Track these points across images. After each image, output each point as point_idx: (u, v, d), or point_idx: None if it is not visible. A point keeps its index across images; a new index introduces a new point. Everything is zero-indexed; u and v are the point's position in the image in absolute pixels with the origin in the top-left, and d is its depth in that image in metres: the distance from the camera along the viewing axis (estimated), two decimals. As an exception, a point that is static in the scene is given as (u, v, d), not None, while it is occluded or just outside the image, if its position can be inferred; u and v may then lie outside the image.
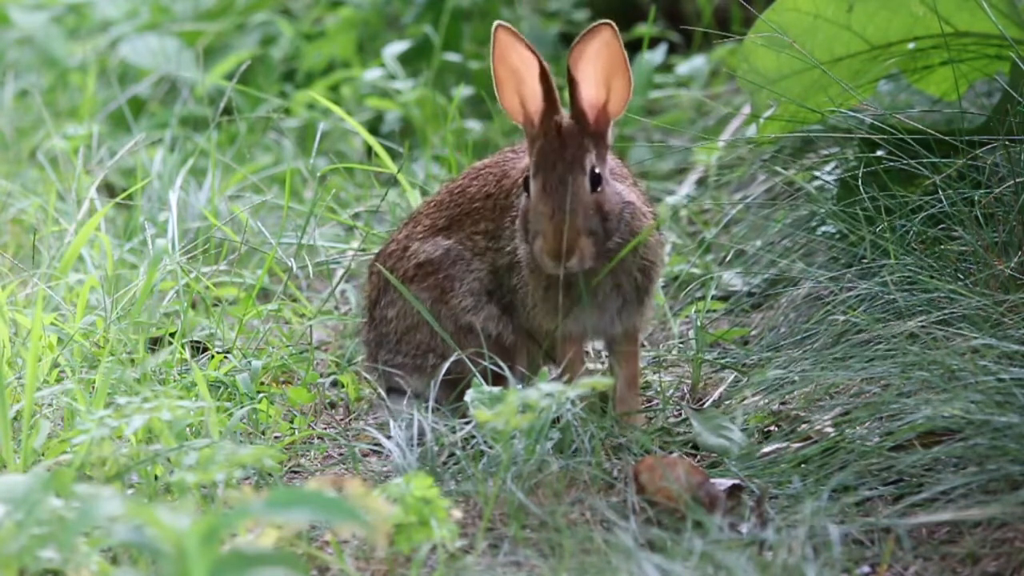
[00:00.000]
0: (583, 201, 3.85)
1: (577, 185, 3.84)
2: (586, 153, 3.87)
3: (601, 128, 3.92)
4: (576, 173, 3.85)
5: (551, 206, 3.83)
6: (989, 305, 3.90)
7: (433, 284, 4.05)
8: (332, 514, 2.86)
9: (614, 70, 3.89)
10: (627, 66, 3.89)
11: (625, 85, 3.90)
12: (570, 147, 3.87)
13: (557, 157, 3.86)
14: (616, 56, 3.88)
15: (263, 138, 6.30)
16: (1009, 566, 3.38)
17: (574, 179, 3.85)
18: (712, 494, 3.58)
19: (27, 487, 3.18)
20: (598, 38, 3.86)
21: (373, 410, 4.30)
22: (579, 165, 3.86)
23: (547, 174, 3.86)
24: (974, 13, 4.47)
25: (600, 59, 3.87)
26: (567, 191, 3.84)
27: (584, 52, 3.86)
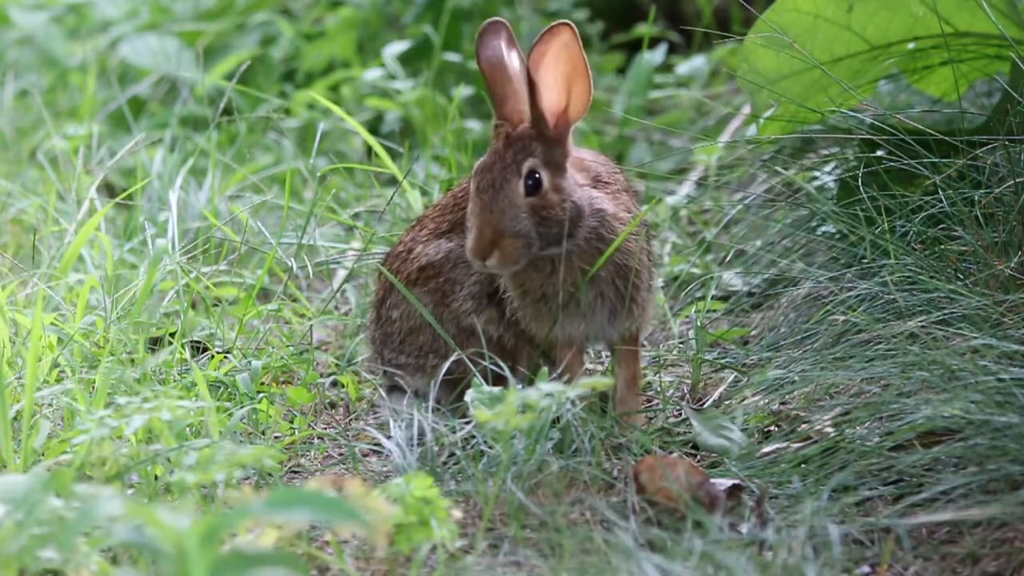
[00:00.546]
0: (513, 203, 3.85)
1: (509, 187, 3.85)
2: (527, 157, 3.87)
3: (560, 133, 3.91)
4: (509, 175, 3.86)
5: (479, 205, 3.85)
6: (989, 305, 3.89)
7: (434, 288, 4.06)
8: (332, 514, 2.86)
9: (574, 74, 3.87)
10: (587, 69, 3.88)
11: (585, 90, 3.89)
12: (512, 150, 3.87)
13: (496, 160, 3.87)
14: (576, 59, 3.86)
15: (263, 138, 6.30)
16: (1009, 566, 3.38)
17: (506, 181, 3.85)
18: (712, 494, 3.58)
19: (27, 487, 3.18)
20: (557, 39, 3.84)
21: (374, 410, 4.30)
22: (514, 168, 3.86)
23: (482, 176, 3.87)
24: (974, 13, 4.47)
25: (560, 62, 3.86)
26: (496, 192, 3.84)
27: (544, 55, 3.85)
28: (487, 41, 3.94)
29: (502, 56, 3.93)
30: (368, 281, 4.87)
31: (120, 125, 6.42)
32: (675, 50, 6.66)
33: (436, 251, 4.09)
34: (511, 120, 3.91)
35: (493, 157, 3.88)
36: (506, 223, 3.84)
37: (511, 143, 3.88)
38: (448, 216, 4.12)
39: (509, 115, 3.91)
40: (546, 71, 3.86)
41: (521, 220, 3.85)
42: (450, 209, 4.12)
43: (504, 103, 3.92)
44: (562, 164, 3.91)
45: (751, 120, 4.83)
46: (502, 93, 3.92)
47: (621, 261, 3.95)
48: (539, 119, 3.88)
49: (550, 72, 3.86)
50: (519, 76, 3.91)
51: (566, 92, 3.89)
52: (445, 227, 4.11)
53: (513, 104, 3.91)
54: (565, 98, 3.89)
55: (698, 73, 6.39)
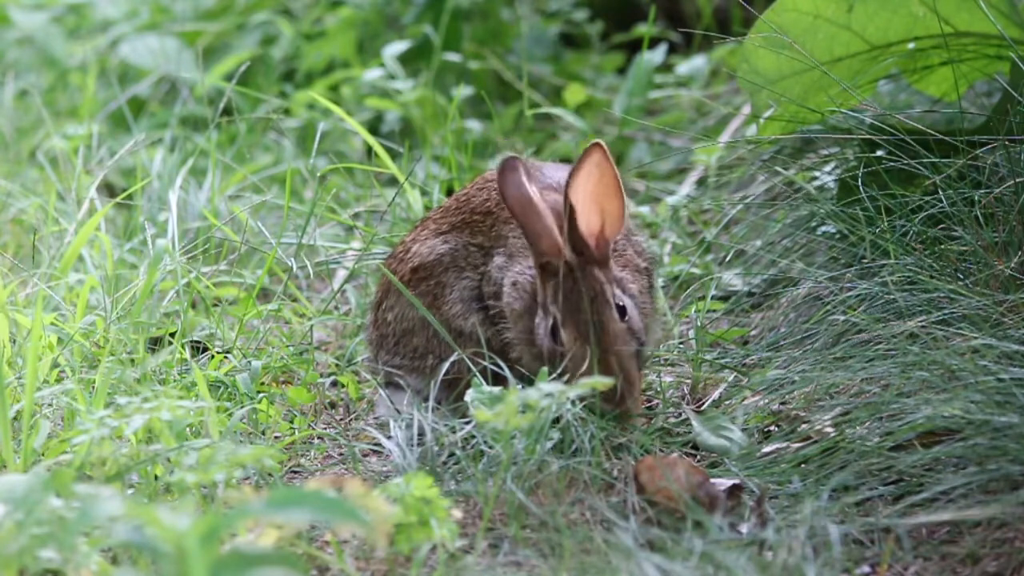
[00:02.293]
0: (617, 335, 3.83)
1: (609, 321, 3.82)
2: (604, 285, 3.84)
3: (602, 253, 3.88)
4: (604, 309, 3.83)
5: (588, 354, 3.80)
6: (989, 305, 3.90)
7: (425, 290, 4.06)
8: (332, 514, 2.86)
9: (607, 192, 3.85)
10: (620, 187, 3.85)
11: (619, 206, 3.86)
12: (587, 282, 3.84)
13: (577, 296, 3.83)
14: (608, 177, 3.84)
15: (263, 138, 6.30)
16: (1009, 566, 3.38)
17: (604, 316, 3.82)
18: (712, 494, 3.58)
19: (27, 487, 3.18)
20: (590, 161, 3.81)
21: (374, 409, 4.30)
22: (604, 299, 3.84)
23: (577, 318, 3.82)
24: (974, 13, 4.47)
25: (591, 182, 3.83)
26: (602, 332, 3.82)
27: (579, 179, 3.81)
28: (509, 179, 3.88)
29: (528, 192, 3.87)
30: (368, 281, 4.87)
31: (120, 125, 6.42)
32: (675, 50, 6.65)
33: (429, 252, 4.09)
34: (551, 253, 3.86)
35: (574, 297, 3.81)
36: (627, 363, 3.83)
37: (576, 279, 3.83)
38: (448, 219, 4.12)
39: (548, 249, 3.87)
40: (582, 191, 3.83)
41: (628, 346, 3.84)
42: (451, 212, 4.12)
43: (540, 239, 3.87)
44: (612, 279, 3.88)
45: (751, 120, 4.83)
46: (536, 230, 3.87)
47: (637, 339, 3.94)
48: (580, 244, 3.85)
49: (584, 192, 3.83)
50: (547, 208, 3.86)
51: (600, 212, 3.86)
52: (445, 228, 4.11)
53: (549, 239, 3.86)
54: (600, 218, 3.86)
55: (698, 73, 6.38)
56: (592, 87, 6.52)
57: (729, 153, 5.32)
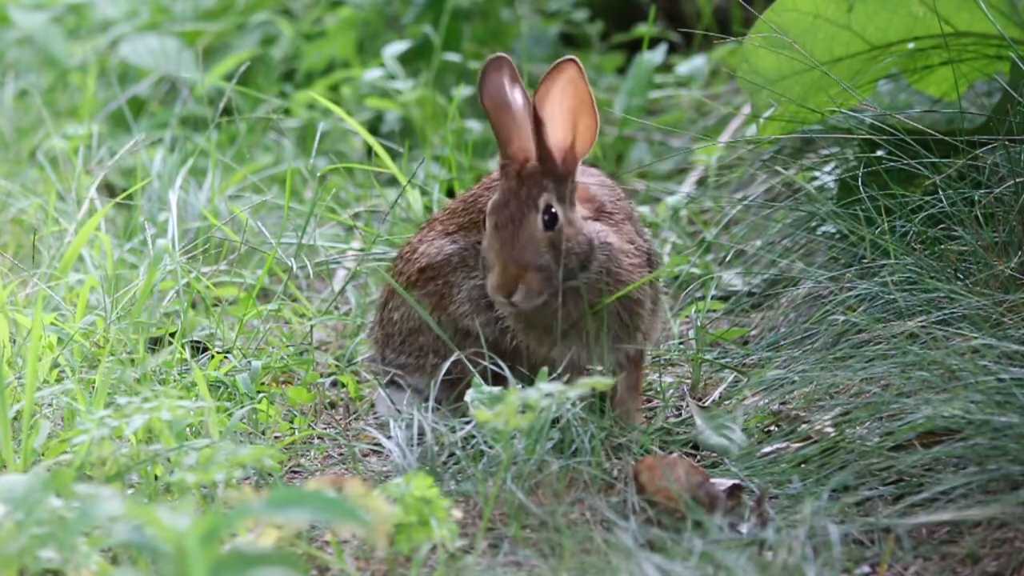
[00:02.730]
0: (533, 238, 3.84)
1: (528, 223, 3.84)
2: (542, 193, 3.86)
3: (568, 168, 3.89)
4: (528, 211, 3.85)
5: (499, 242, 3.84)
6: (989, 305, 3.90)
7: (433, 290, 4.06)
8: (332, 514, 2.86)
9: (580, 109, 3.86)
10: (593, 104, 3.87)
11: (591, 124, 3.88)
12: (526, 186, 3.86)
13: (511, 196, 3.86)
14: (582, 94, 3.85)
15: (263, 138, 6.30)
16: (1009, 566, 3.38)
17: (524, 216, 3.84)
18: (712, 494, 3.58)
19: (27, 487, 3.18)
20: (563, 76, 3.83)
21: (374, 409, 4.30)
22: (531, 203, 3.85)
23: (499, 212, 3.86)
24: (974, 13, 4.47)
25: (566, 98, 3.85)
26: (516, 228, 3.84)
27: (550, 91, 3.83)
28: (490, 79, 3.91)
29: (506, 94, 3.91)
30: (368, 281, 4.87)
31: (120, 125, 6.42)
32: (675, 50, 6.66)
33: (437, 252, 4.09)
34: (517, 158, 3.89)
35: (508, 195, 3.86)
36: (529, 257, 3.83)
37: (524, 180, 3.87)
38: (455, 219, 4.12)
39: (515, 154, 3.89)
40: (552, 108, 3.85)
41: (542, 254, 3.84)
42: (459, 212, 4.13)
43: (510, 142, 3.90)
44: (571, 199, 3.90)
45: (751, 120, 4.83)
46: (507, 132, 3.90)
47: (626, 297, 3.94)
48: (547, 156, 3.87)
49: (556, 107, 3.85)
50: (523, 114, 3.89)
51: (572, 127, 3.88)
52: (452, 229, 4.12)
53: (518, 143, 3.89)
54: (571, 133, 3.88)
55: (698, 73, 6.38)
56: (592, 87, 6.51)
57: (729, 153, 5.32)
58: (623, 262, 3.94)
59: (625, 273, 3.94)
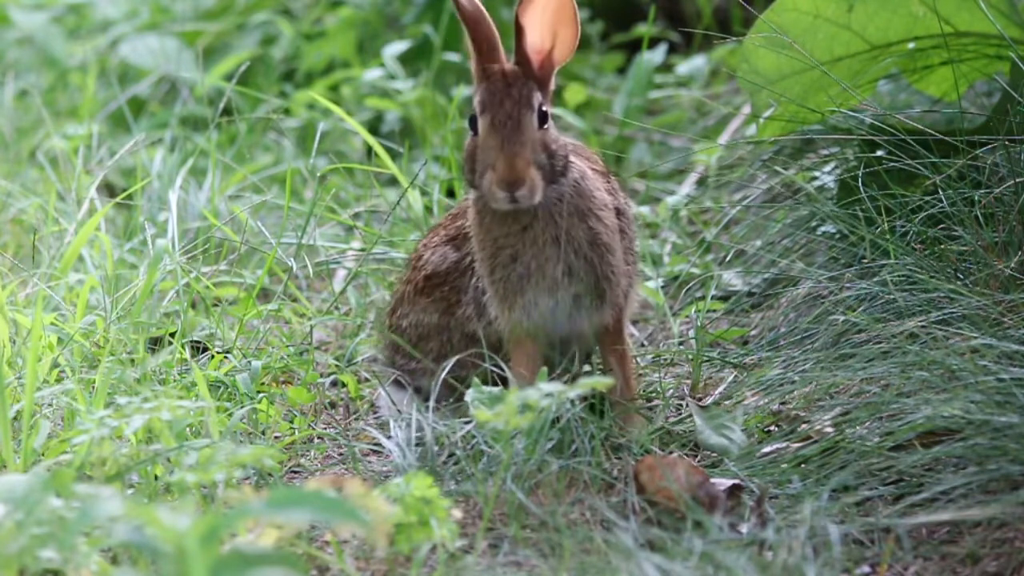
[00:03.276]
0: (532, 135, 3.85)
1: (525, 120, 3.85)
2: (533, 91, 3.88)
3: (545, 74, 3.92)
4: (524, 108, 3.86)
5: (501, 138, 3.84)
6: (989, 305, 3.90)
7: (440, 296, 4.07)
8: (332, 514, 2.86)
9: (562, 18, 3.90)
10: (576, 15, 3.90)
11: (572, 35, 3.91)
12: (516, 86, 3.87)
13: (504, 95, 3.87)
14: (565, 5, 3.88)
15: (263, 138, 6.30)
16: (1009, 566, 3.38)
17: (522, 114, 3.85)
18: (712, 494, 3.58)
19: (27, 487, 3.18)
20: None
21: (374, 409, 4.30)
22: (527, 101, 3.86)
23: (496, 110, 3.86)
24: (974, 13, 4.47)
25: (549, 7, 3.88)
26: (517, 124, 3.84)
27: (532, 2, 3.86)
28: None
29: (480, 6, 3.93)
30: (368, 281, 4.87)
31: (120, 125, 6.42)
32: (675, 50, 6.65)
33: (441, 260, 4.10)
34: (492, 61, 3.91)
35: (500, 93, 3.88)
36: (528, 155, 3.84)
37: (512, 80, 3.89)
38: (457, 223, 4.12)
39: (491, 57, 3.92)
40: (534, 15, 3.88)
41: (539, 152, 3.86)
42: (460, 216, 4.13)
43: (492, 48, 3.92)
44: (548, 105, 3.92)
45: (751, 120, 4.83)
46: (486, 37, 3.92)
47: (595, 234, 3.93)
48: (524, 60, 3.90)
49: (538, 14, 3.88)
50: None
51: (552, 35, 3.90)
52: (453, 232, 4.12)
53: (495, 50, 3.91)
54: (551, 40, 3.91)
55: (698, 73, 6.38)
56: (592, 87, 6.52)
57: (729, 153, 5.32)
58: (594, 193, 3.94)
59: (596, 207, 3.94)
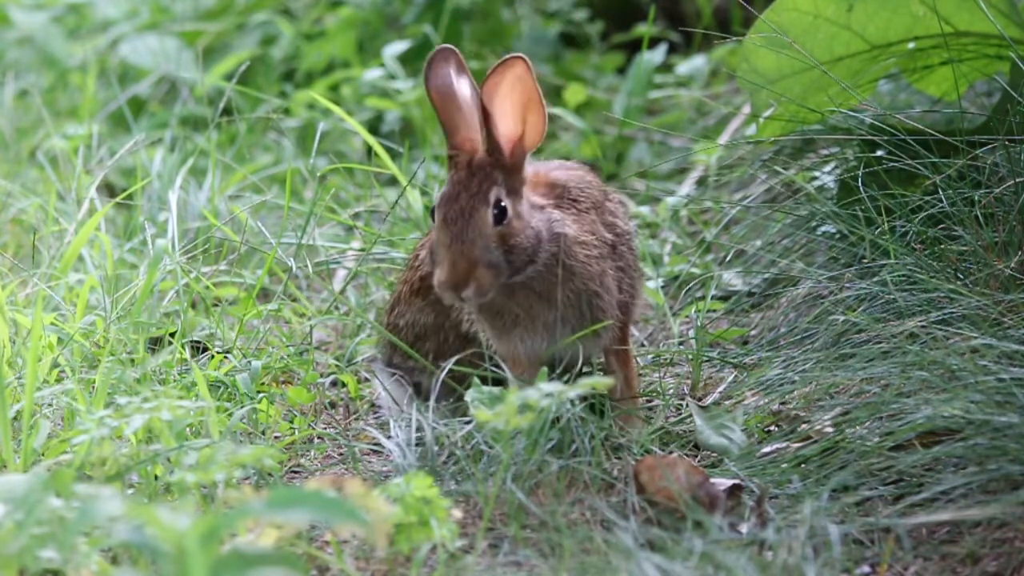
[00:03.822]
0: (483, 233, 3.81)
1: (477, 218, 3.82)
2: (492, 186, 3.84)
3: (516, 161, 3.88)
4: (478, 206, 3.82)
5: (449, 237, 3.81)
6: (989, 305, 3.89)
7: (436, 297, 4.07)
8: (332, 514, 2.86)
9: (529, 104, 3.85)
10: (541, 100, 3.85)
11: (540, 119, 3.86)
12: (476, 179, 3.84)
13: (462, 189, 3.84)
14: (530, 90, 3.84)
15: (263, 138, 6.30)
16: (1009, 566, 3.38)
17: (474, 210, 3.82)
18: (712, 494, 3.58)
19: (27, 487, 3.18)
20: (511, 72, 3.82)
21: (374, 409, 4.30)
22: (483, 198, 3.83)
23: (449, 206, 3.83)
24: (974, 13, 4.46)
25: (515, 93, 3.84)
26: (466, 222, 3.82)
27: (499, 86, 3.82)
28: (436, 69, 3.90)
29: (452, 84, 3.90)
30: (368, 281, 4.87)
31: (120, 125, 6.42)
32: (675, 50, 6.65)
33: None
34: (464, 149, 3.88)
35: (457, 187, 3.84)
36: (478, 253, 3.80)
37: (474, 172, 3.85)
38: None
39: (461, 144, 3.88)
40: (501, 101, 3.84)
41: (492, 250, 3.81)
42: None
43: (456, 132, 3.89)
44: (520, 191, 3.88)
45: (751, 120, 4.83)
46: (454, 122, 3.89)
47: (581, 286, 3.92)
48: (495, 147, 3.85)
49: (506, 101, 3.84)
50: (470, 104, 3.88)
51: (521, 121, 3.86)
52: None
53: (465, 133, 3.88)
54: (521, 127, 3.87)
55: (698, 73, 6.38)
56: (592, 87, 6.52)
57: (729, 153, 5.32)
58: (577, 253, 3.91)
59: (579, 265, 3.91)
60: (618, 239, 4.04)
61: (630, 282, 4.04)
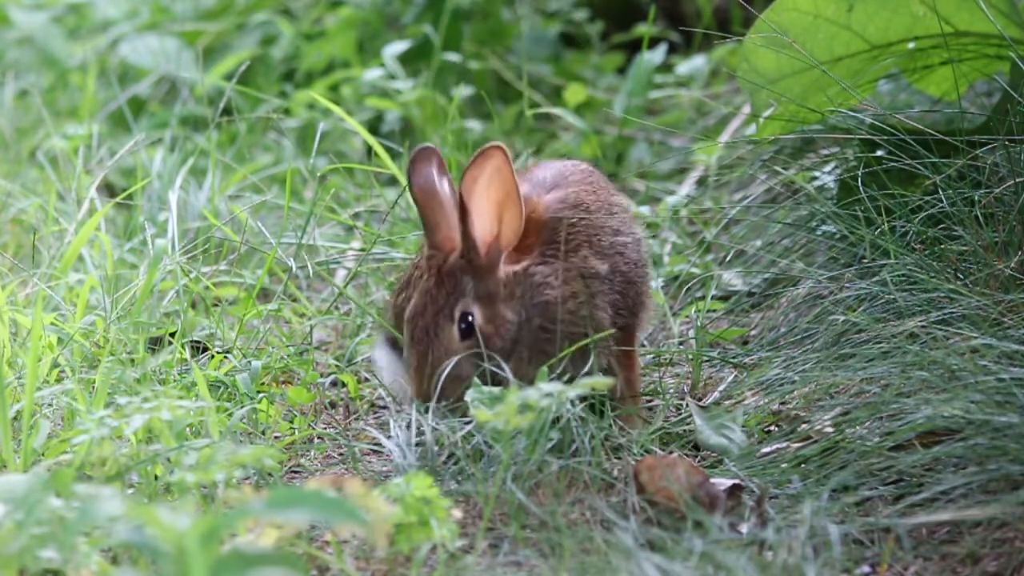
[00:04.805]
0: (449, 350, 3.81)
1: (444, 334, 3.82)
2: (459, 299, 3.83)
3: (491, 261, 3.86)
4: (442, 321, 3.82)
5: (416, 356, 3.83)
6: (989, 305, 3.89)
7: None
8: (332, 514, 2.86)
9: (506, 200, 3.82)
10: (519, 195, 3.82)
11: (516, 217, 3.83)
12: (444, 290, 3.84)
13: (429, 302, 3.84)
14: (508, 184, 3.81)
15: (263, 138, 6.30)
16: (1009, 566, 3.38)
17: (440, 328, 3.82)
18: (712, 494, 3.58)
19: (27, 487, 3.18)
20: (490, 164, 3.78)
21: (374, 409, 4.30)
22: (447, 313, 3.83)
23: (416, 321, 3.84)
24: (974, 13, 4.47)
25: (492, 188, 3.81)
26: (431, 341, 3.82)
27: (477, 180, 3.80)
28: (419, 168, 3.88)
29: (434, 183, 3.87)
30: (368, 281, 4.87)
31: (120, 125, 6.42)
32: (675, 50, 6.66)
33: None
34: (443, 248, 3.86)
35: (425, 300, 3.83)
36: None
37: (442, 281, 3.84)
38: None
39: (441, 243, 3.86)
40: (479, 197, 3.81)
41: (459, 365, 3.82)
42: None
43: (437, 231, 3.87)
44: (497, 292, 3.86)
45: (751, 120, 4.83)
46: (435, 221, 3.87)
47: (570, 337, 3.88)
48: (471, 247, 3.84)
49: (483, 199, 3.81)
50: (451, 203, 3.85)
51: (498, 220, 3.84)
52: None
53: (445, 232, 3.86)
54: (497, 226, 3.84)
55: (698, 73, 6.38)
56: (592, 87, 6.52)
57: (729, 153, 5.32)
58: (559, 311, 3.88)
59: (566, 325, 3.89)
60: (618, 259, 3.99)
61: (635, 296, 4.01)
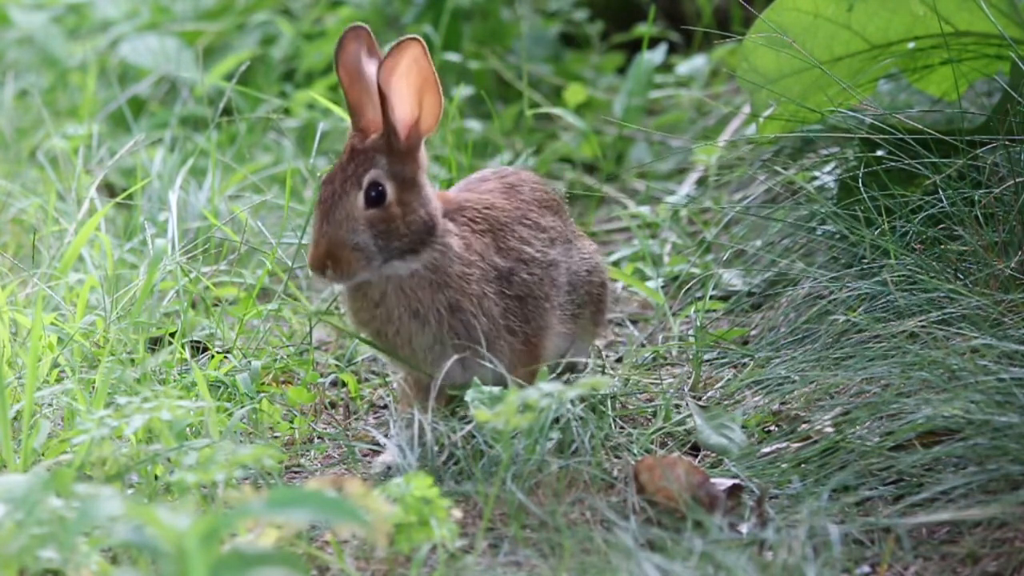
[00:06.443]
0: (351, 216, 3.82)
1: (347, 200, 3.82)
2: (370, 169, 3.84)
3: (411, 145, 3.87)
4: (349, 187, 3.83)
5: (318, 217, 3.84)
6: (989, 305, 3.90)
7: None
8: (332, 514, 2.86)
9: (425, 87, 3.84)
10: (437, 83, 3.84)
11: (436, 102, 3.85)
12: (354, 162, 3.84)
13: (338, 170, 3.85)
14: (426, 72, 3.83)
15: (263, 138, 6.30)
16: (1009, 566, 3.38)
17: (345, 193, 3.82)
18: (712, 494, 3.58)
19: (27, 487, 3.18)
20: (407, 54, 3.80)
21: (374, 409, 4.30)
22: (355, 180, 3.83)
23: (325, 187, 3.86)
24: (974, 13, 4.47)
25: (411, 75, 3.83)
26: (335, 203, 3.82)
27: (394, 68, 3.81)
28: (347, 49, 3.89)
29: (360, 65, 3.89)
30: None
31: (120, 125, 6.42)
32: (675, 50, 6.66)
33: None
34: (367, 131, 3.88)
35: (336, 169, 3.86)
36: (343, 235, 3.81)
37: (355, 155, 3.85)
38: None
39: (366, 127, 3.88)
40: (398, 83, 3.82)
41: (359, 232, 3.82)
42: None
43: (362, 114, 3.89)
44: (413, 178, 3.87)
45: (751, 120, 4.83)
46: (360, 104, 3.89)
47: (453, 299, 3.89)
48: (390, 131, 3.85)
49: (402, 84, 3.83)
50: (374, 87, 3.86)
51: (418, 104, 3.85)
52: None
53: (371, 115, 3.88)
54: (417, 110, 3.86)
55: (698, 73, 6.39)
56: (592, 87, 6.52)
57: (729, 153, 5.32)
58: (453, 265, 3.89)
59: (454, 279, 3.88)
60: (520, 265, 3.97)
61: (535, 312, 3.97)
